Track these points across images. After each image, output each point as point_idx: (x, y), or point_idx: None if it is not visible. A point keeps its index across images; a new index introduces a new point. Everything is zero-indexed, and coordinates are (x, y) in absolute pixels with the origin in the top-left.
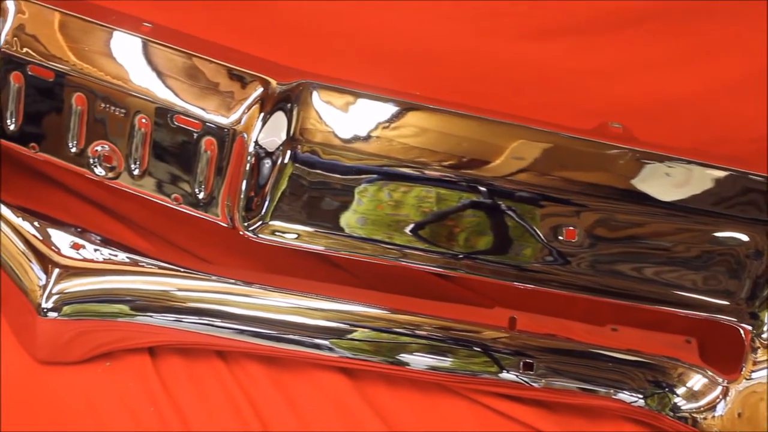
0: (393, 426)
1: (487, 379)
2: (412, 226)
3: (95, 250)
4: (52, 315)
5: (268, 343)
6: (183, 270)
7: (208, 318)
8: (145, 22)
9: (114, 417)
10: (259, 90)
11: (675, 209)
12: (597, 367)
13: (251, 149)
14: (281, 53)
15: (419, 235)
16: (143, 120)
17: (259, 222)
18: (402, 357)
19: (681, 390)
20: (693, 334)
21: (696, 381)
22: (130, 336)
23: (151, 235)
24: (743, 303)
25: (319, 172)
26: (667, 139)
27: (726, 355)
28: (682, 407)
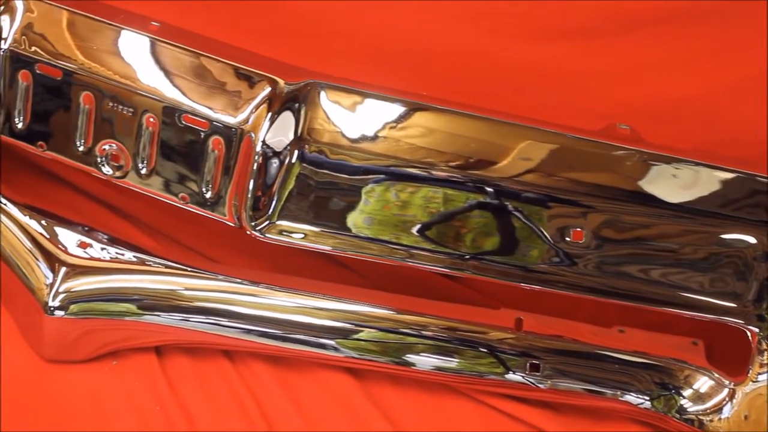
0: (399, 426)
1: (494, 380)
2: (419, 226)
3: (102, 248)
4: (58, 313)
5: (274, 343)
6: (190, 269)
7: (214, 317)
8: (153, 21)
9: (120, 416)
10: (267, 89)
11: (682, 211)
12: (603, 369)
13: (259, 149)
14: (282, 53)
15: (426, 236)
16: (151, 119)
17: (266, 221)
18: (408, 357)
19: (687, 392)
20: (700, 336)
21: (702, 383)
22: (136, 335)
23: (158, 234)
24: (750, 305)
25: (327, 172)
26: (671, 141)
27: (733, 358)
28: (688, 409)
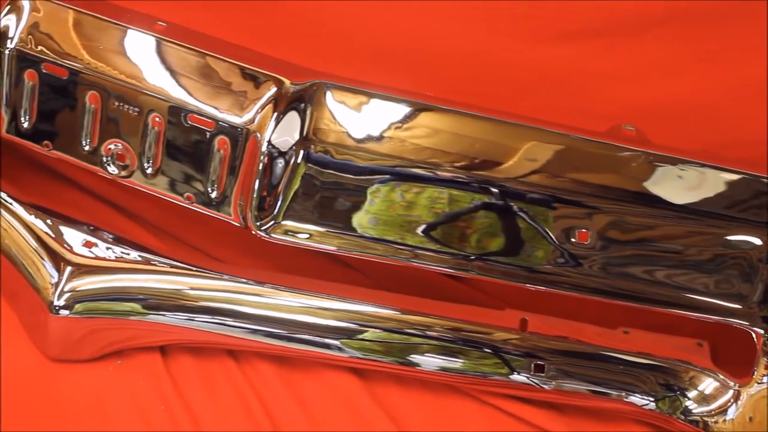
0: (403, 426)
1: (498, 381)
2: (424, 226)
3: (107, 248)
4: (63, 313)
5: (279, 343)
6: (195, 269)
7: (219, 317)
8: (159, 20)
9: (124, 415)
10: (273, 90)
11: (687, 212)
12: (608, 370)
13: (264, 149)
14: (282, 53)
15: (431, 236)
16: (156, 119)
17: (272, 221)
18: (412, 358)
19: (692, 393)
20: (705, 337)
21: (707, 384)
22: (141, 334)
23: (164, 234)
24: (755, 307)
25: (332, 172)
26: (680, 143)
27: (738, 359)
28: (693, 410)
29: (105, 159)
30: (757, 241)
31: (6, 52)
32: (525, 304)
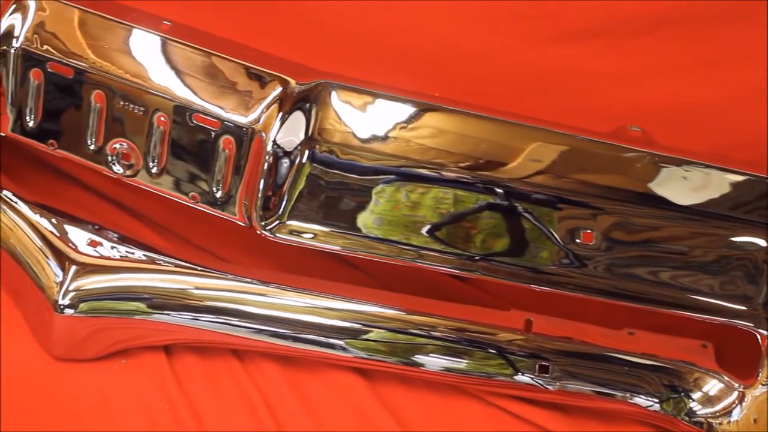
0: (407, 427)
1: (502, 381)
2: (428, 227)
3: (112, 247)
4: (68, 312)
5: (283, 343)
6: (200, 268)
7: (224, 317)
8: (165, 20)
9: (129, 415)
10: (278, 89)
11: (692, 213)
12: (612, 371)
13: (269, 148)
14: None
15: (436, 237)
16: (162, 118)
17: (277, 221)
18: (417, 358)
19: (697, 395)
20: (709, 338)
21: (712, 386)
22: (146, 334)
23: (169, 233)
24: (760, 308)
25: (337, 172)
26: (688, 144)
27: (742, 361)
28: (697, 412)
29: (110, 158)
30: (763, 243)
31: (12, 51)
32: (529, 304)
